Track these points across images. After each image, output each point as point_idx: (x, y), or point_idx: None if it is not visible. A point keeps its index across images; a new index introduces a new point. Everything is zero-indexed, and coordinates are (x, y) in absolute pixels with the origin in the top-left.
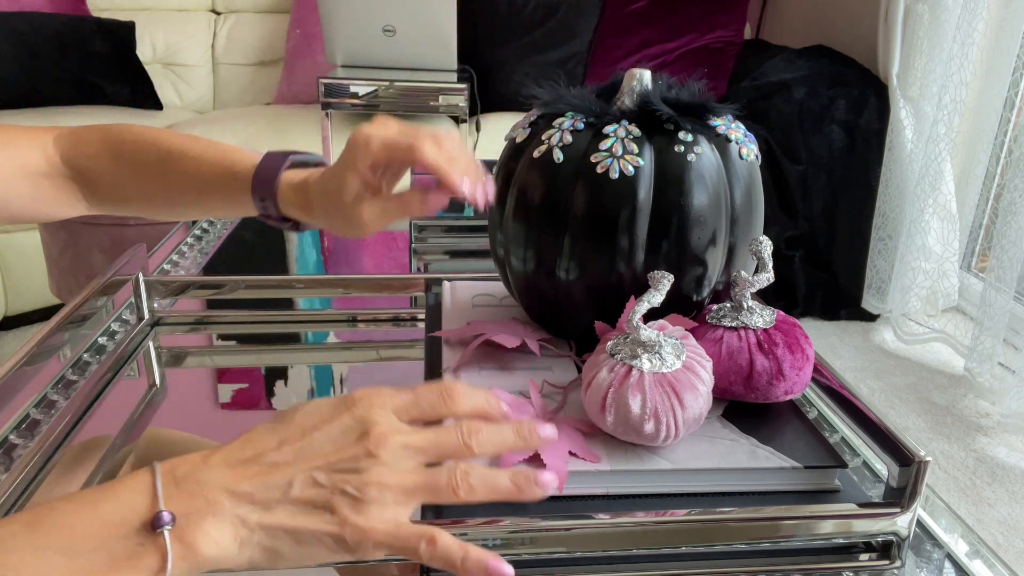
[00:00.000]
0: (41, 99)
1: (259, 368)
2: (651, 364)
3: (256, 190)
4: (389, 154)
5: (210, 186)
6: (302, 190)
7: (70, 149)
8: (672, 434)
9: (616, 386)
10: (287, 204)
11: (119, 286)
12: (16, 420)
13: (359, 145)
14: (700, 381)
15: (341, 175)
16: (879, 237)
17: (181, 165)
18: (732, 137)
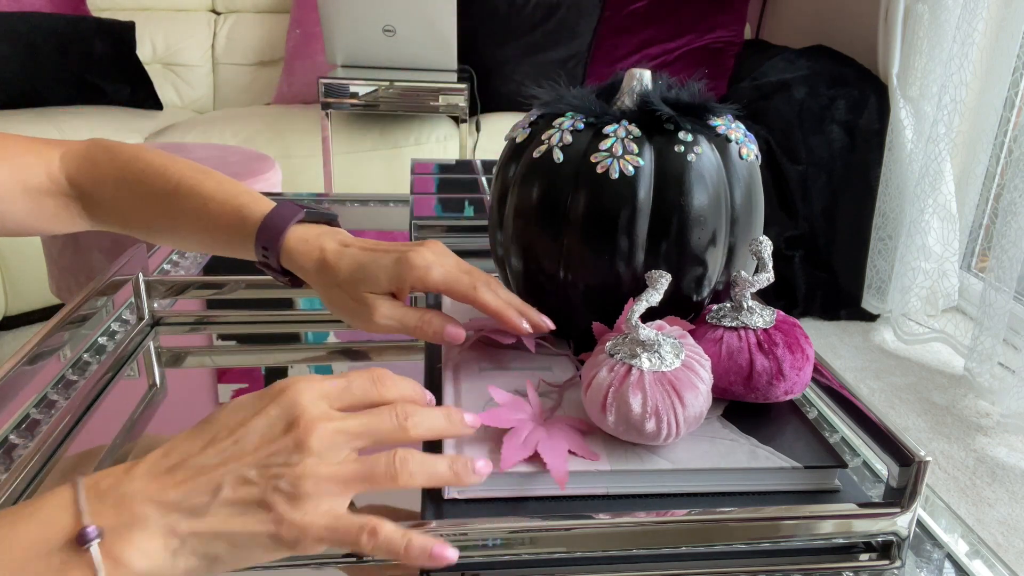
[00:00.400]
0: (41, 99)
1: (259, 368)
2: (651, 363)
3: (260, 237)
4: (446, 291)
5: (214, 225)
6: (319, 261)
7: (76, 169)
8: (673, 432)
9: (616, 385)
10: (291, 260)
11: (119, 286)
12: (16, 420)
13: (415, 269)
14: (700, 380)
15: (377, 277)
16: (879, 237)
17: (188, 201)
18: (732, 137)
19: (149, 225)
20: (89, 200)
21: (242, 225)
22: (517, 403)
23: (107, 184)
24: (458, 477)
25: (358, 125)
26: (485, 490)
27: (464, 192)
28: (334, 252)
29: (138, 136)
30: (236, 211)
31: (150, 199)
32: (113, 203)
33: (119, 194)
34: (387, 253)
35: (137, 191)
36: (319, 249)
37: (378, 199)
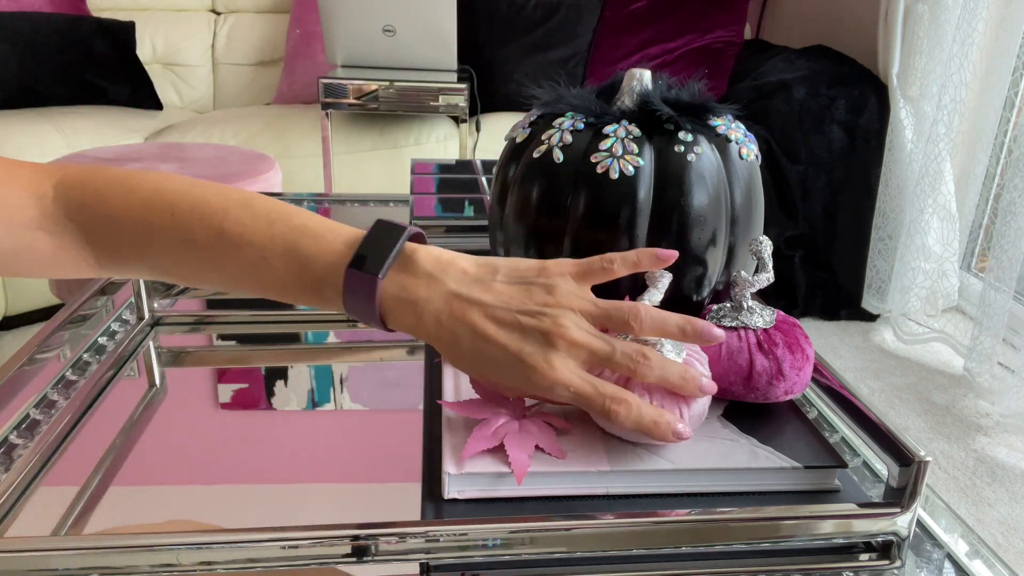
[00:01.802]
0: (41, 99)
1: (259, 368)
2: None
3: (352, 310)
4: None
5: (284, 290)
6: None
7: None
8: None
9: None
10: (397, 323)
11: (119, 286)
12: (16, 420)
13: (543, 388)
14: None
15: (501, 379)
16: (879, 237)
17: (242, 256)
18: (732, 137)
19: (192, 276)
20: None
21: (319, 290)
22: (498, 399)
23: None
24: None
25: (358, 125)
26: (485, 490)
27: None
28: (438, 332)
29: (138, 136)
30: (306, 270)
31: (189, 252)
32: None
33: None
34: (501, 349)
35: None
36: (423, 329)
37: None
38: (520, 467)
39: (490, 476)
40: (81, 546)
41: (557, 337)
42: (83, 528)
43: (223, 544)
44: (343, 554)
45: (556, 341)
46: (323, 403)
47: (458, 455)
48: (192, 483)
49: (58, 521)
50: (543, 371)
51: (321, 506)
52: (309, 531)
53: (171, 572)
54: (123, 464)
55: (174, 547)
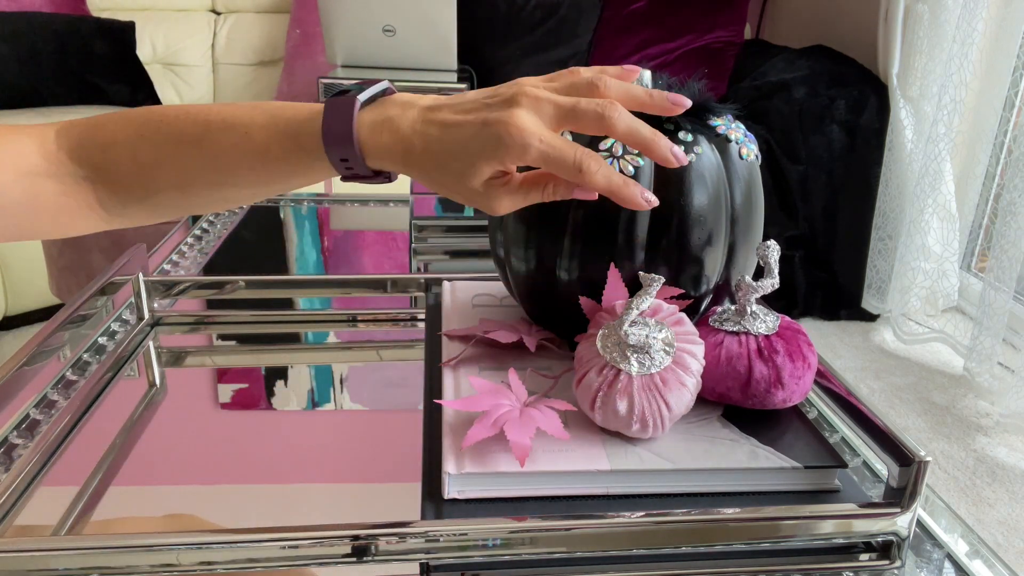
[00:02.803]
0: (41, 99)
1: (259, 368)
2: (639, 367)
3: (333, 151)
4: (548, 170)
5: (267, 156)
6: (399, 153)
7: (79, 140)
8: (659, 431)
9: (605, 389)
10: (375, 158)
11: (119, 286)
12: (16, 420)
13: (513, 146)
14: (688, 375)
15: (473, 161)
16: (879, 237)
17: (227, 136)
18: (732, 137)
19: (185, 181)
20: (102, 174)
21: (298, 147)
22: (498, 390)
23: (121, 146)
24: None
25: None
26: (485, 490)
27: None
28: (411, 137)
29: None
30: (286, 131)
31: (180, 148)
32: (133, 166)
33: (139, 153)
34: (469, 126)
35: (161, 140)
36: (396, 146)
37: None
38: (521, 450)
39: (490, 476)
40: (81, 546)
41: (520, 95)
42: (83, 528)
43: (223, 544)
44: (343, 554)
45: (519, 99)
46: (323, 403)
47: (458, 455)
48: (192, 483)
49: (58, 521)
50: (510, 127)
51: (321, 506)
52: (309, 531)
53: (171, 572)
54: (123, 464)
55: (174, 547)
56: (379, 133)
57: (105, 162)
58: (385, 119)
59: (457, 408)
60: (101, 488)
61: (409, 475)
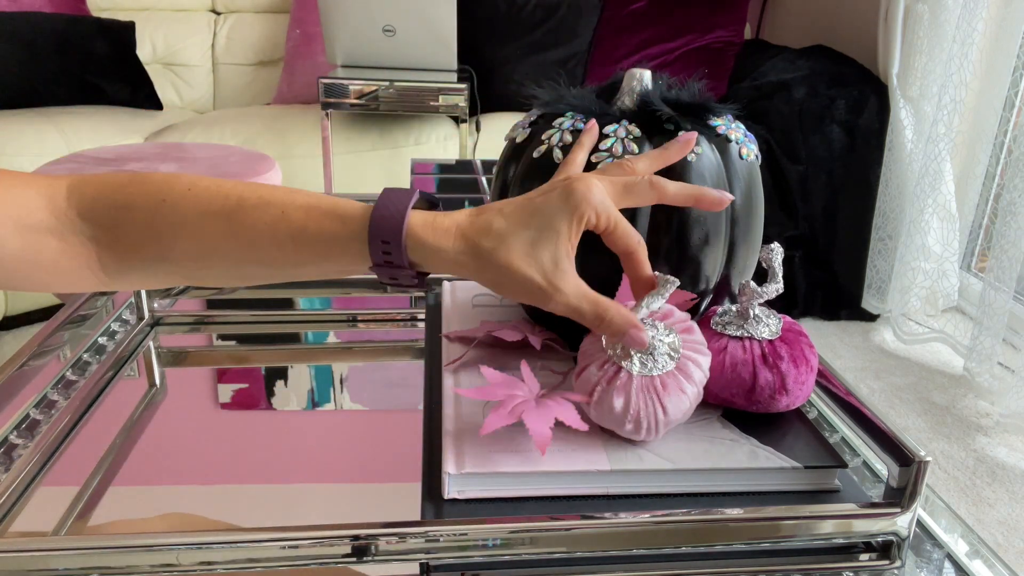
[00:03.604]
0: (41, 99)
1: (259, 368)
2: (641, 367)
3: (376, 231)
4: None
5: (303, 235)
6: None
7: (93, 198)
8: (652, 434)
9: (604, 384)
10: (423, 247)
11: None
12: (16, 420)
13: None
14: (690, 383)
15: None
16: (879, 237)
17: (260, 213)
18: (732, 137)
19: (204, 254)
20: (111, 234)
21: (344, 224)
22: (511, 382)
23: (139, 208)
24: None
25: (358, 125)
26: (485, 490)
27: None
28: (473, 222)
29: (138, 136)
30: (330, 211)
31: (206, 219)
32: (148, 232)
33: (159, 219)
34: (542, 196)
35: (186, 211)
36: (455, 228)
37: None
38: (542, 439)
39: (490, 476)
40: (81, 546)
41: (577, 176)
42: (83, 528)
43: (223, 544)
44: (343, 554)
45: (575, 178)
46: (323, 403)
47: (458, 455)
48: (192, 483)
49: (58, 521)
50: (590, 184)
51: (321, 506)
52: (309, 531)
53: (171, 572)
54: (123, 464)
55: (174, 547)
56: (431, 226)
57: (117, 222)
58: (438, 215)
59: (473, 397)
60: (101, 488)
61: (409, 475)
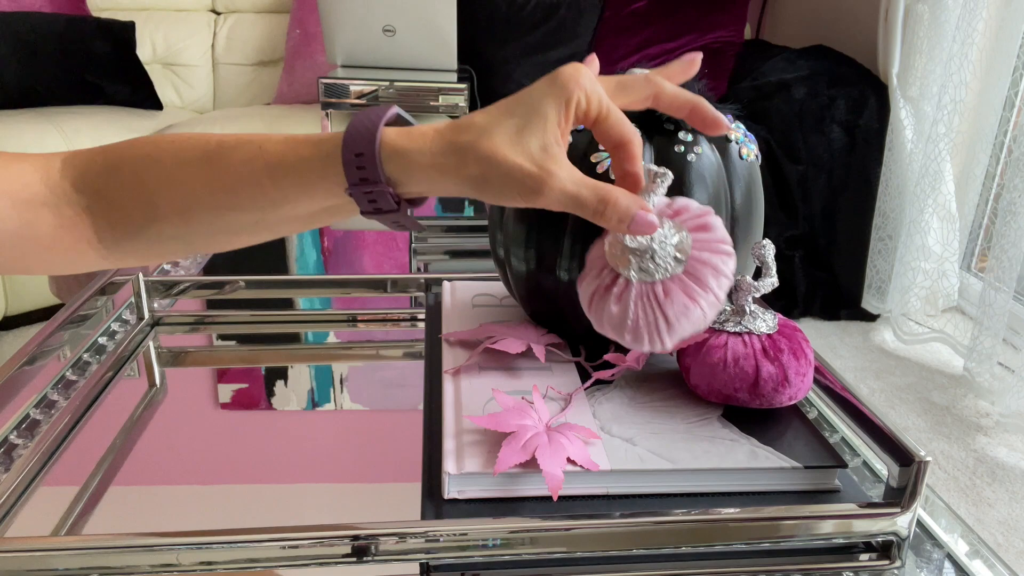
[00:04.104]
0: (41, 99)
1: (259, 368)
2: (640, 273)
3: (349, 147)
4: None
5: (279, 166)
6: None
7: (85, 165)
8: (656, 345)
9: (601, 292)
10: (400, 158)
11: (119, 286)
12: (16, 420)
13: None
14: (702, 288)
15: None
16: (879, 237)
17: (237, 151)
18: (732, 137)
19: (187, 205)
20: (103, 199)
21: (317, 147)
22: (522, 408)
23: (126, 167)
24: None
25: None
26: (485, 490)
27: None
28: (451, 123)
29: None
30: (305, 140)
31: (187, 167)
32: (135, 189)
33: (144, 175)
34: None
35: (168, 163)
36: (431, 130)
37: None
38: (555, 482)
39: (490, 476)
40: (81, 546)
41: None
42: (83, 528)
43: (223, 544)
44: (343, 554)
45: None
46: (323, 403)
47: (459, 455)
48: (192, 483)
49: (58, 521)
50: (578, 70)
51: (321, 506)
52: (309, 531)
53: (171, 572)
54: (123, 464)
55: (174, 547)
56: (405, 133)
57: (108, 186)
58: (414, 127)
59: (484, 425)
60: (101, 488)
61: (409, 475)
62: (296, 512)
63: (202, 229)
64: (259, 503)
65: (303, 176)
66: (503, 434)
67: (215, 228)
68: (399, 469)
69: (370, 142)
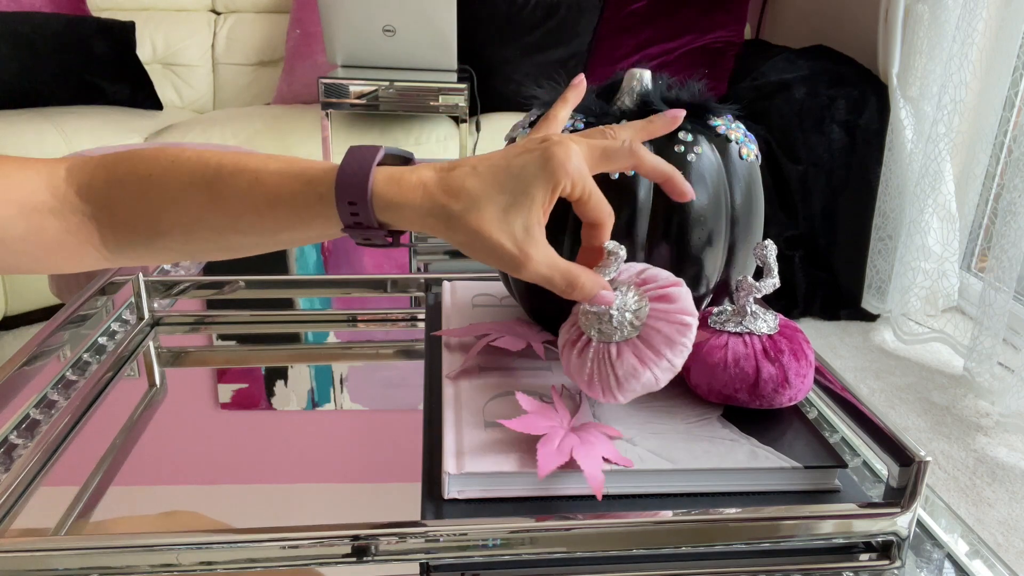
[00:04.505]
0: (41, 99)
1: (259, 368)
2: (599, 335)
3: (343, 191)
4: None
5: (276, 200)
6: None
7: (89, 177)
8: (611, 399)
9: (569, 345)
10: (389, 205)
11: (119, 286)
12: (16, 420)
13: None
14: (652, 353)
15: (526, 188)
16: (879, 237)
17: (236, 180)
18: (732, 137)
19: (187, 225)
20: (107, 211)
21: (311, 186)
22: (546, 410)
23: (128, 185)
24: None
25: (358, 125)
26: (485, 490)
27: None
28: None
29: (138, 136)
30: (300, 174)
31: (189, 190)
32: (139, 206)
33: (147, 193)
34: (518, 159)
35: (170, 184)
36: (421, 187)
37: None
38: (596, 482)
39: (490, 476)
40: (81, 546)
41: (554, 138)
42: (83, 528)
43: (223, 544)
44: (343, 554)
45: (557, 139)
46: (323, 403)
47: (459, 455)
48: (192, 483)
49: (58, 521)
50: (569, 150)
51: (321, 506)
52: (309, 531)
53: (171, 572)
54: (123, 464)
55: (174, 547)
56: (396, 183)
57: (111, 199)
58: (405, 171)
59: (516, 429)
60: (101, 488)
61: (409, 475)
62: (296, 512)
63: (204, 246)
64: (259, 503)
65: (299, 212)
66: (504, 435)
67: (217, 246)
68: (399, 469)
69: (362, 192)
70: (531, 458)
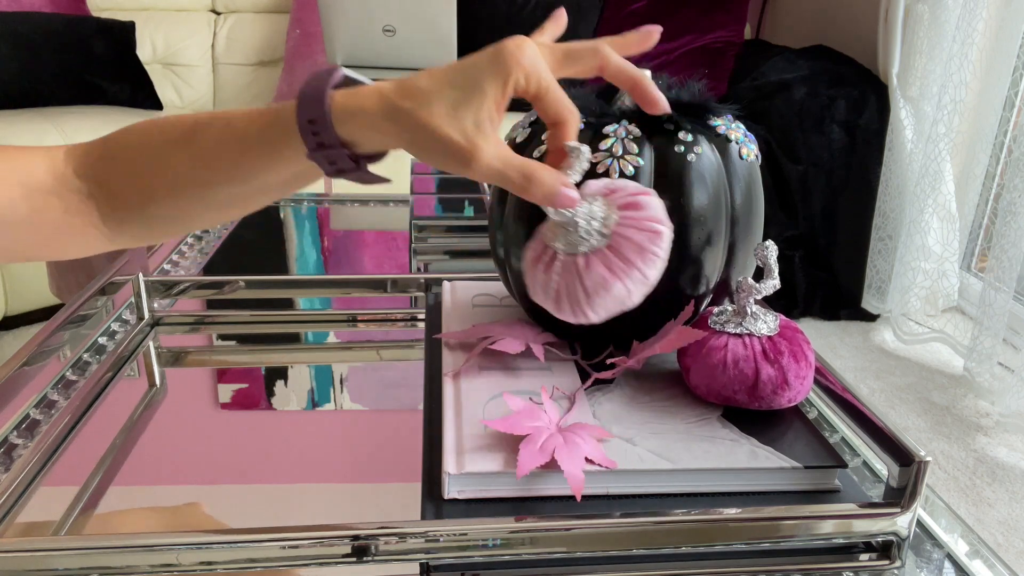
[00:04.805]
0: (41, 99)
1: (259, 368)
2: (566, 245)
3: (303, 113)
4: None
5: (246, 139)
6: (384, 100)
7: (85, 156)
8: (579, 317)
9: (533, 261)
10: (349, 119)
11: (119, 286)
12: (16, 420)
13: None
14: (623, 263)
15: (477, 83)
16: (879, 237)
17: (209, 130)
18: (732, 137)
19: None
20: (103, 186)
21: (277, 117)
22: (533, 410)
23: (120, 156)
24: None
25: None
26: (485, 490)
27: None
28: (398, 84)
29: None
30: (266, 112)
31: (171, 150)
32: (130, 175)
33: (136, 162)
34: (470, 59)
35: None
36: (376, 92)
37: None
38: (576, 482)
39: (490, 476)
40: (81, 546)
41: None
42: (83, 528)
43: (223, 544)
44: (343, 554)
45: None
46: (323, 403)
47: (459, 455)
48: (192, 483)
49: (58, 521)
50: (522, 45)
51: (321, 506)
52: (309, 531)
53: (171, 572)
54: (123, 464)
55: (174, 547)
56: (353, 95)
57: (105, 173)
58: (362, 86)
59: (499, 428)
60: (101, 488)
61: (409, 475)
62: (296, 512)
63: (191, 206)
64: (259, 503)
65: (268, 146)
66: (505, 435)
67: (203, 204)
68: (399, 469)
69: (320, 106)
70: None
